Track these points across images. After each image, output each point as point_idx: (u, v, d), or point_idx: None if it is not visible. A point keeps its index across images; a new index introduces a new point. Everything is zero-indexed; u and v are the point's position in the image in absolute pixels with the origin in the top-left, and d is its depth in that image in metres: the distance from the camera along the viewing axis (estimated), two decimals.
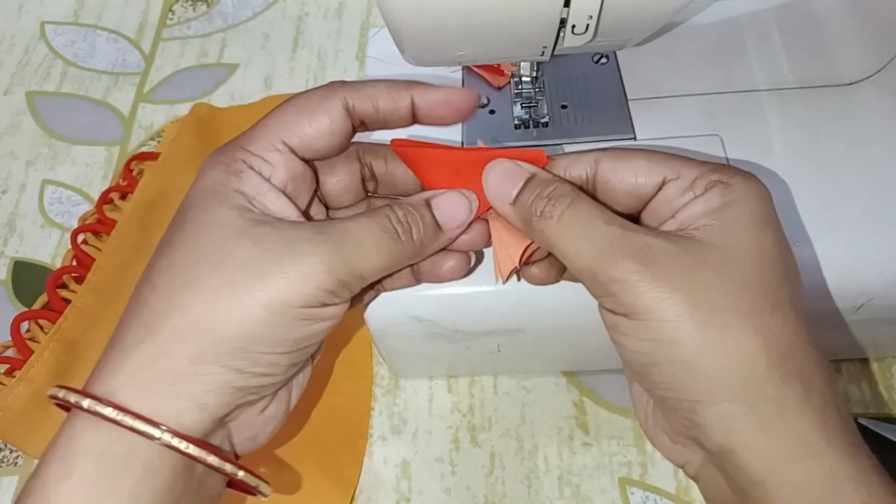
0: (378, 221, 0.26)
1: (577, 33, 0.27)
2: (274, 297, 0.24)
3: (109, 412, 0.23)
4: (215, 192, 0.26)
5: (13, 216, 0.48)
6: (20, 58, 0.55)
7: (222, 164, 0.26)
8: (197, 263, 0.25)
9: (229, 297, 0.24)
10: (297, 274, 0.24)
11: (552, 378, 0.39)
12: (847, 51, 0.37)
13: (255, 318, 0.24)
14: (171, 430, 0.24)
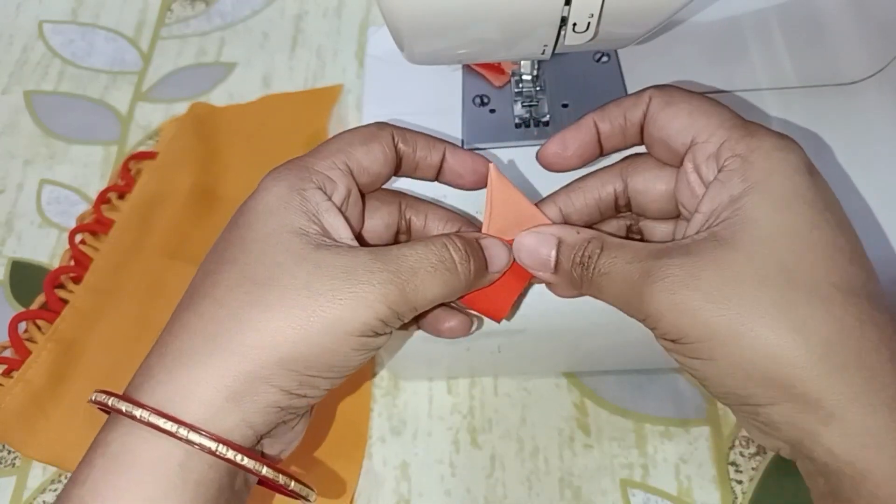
0: (435, 251, 0.26)
1: (578, 32, 0.27)
2: (333, 324, 0.24)
3: (170, 426, 0.23)
4: (278, 210, 0.26)
5: (11, 216, 0.48)
6: (18, 57, 0.55)
7: (286, 179, 0.27)
8: (262, 284, 0.25)
9: (290, 321, 0.24)
10: (355, 302, 0.24)
11: (553, 379, 0.39)
12: (848, 50, 0.37)
13: (313, 342, 0.24)
14: (227, 443, 0.24)
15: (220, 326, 0.25)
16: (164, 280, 0.43)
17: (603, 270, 0.26)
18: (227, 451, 0.24)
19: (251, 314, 0.24)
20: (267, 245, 0.25)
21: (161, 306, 0.42)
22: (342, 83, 0.51)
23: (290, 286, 0.24)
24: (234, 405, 0.24)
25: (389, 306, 0.25)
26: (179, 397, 0.24)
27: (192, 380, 0.24)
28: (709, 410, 0.38)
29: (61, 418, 0.39)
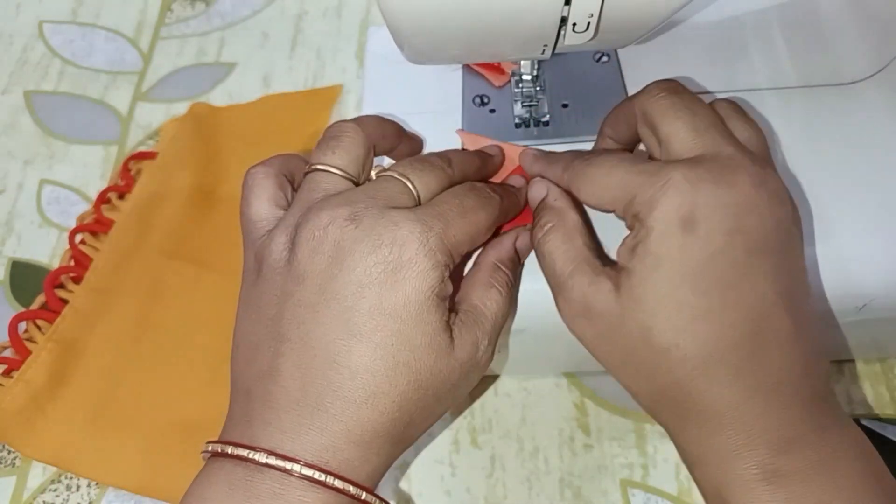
0: (502, 292, 0.29)
1: (578, 31, 0.27)
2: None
3: (338, 483, 0.24)
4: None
5: (11, 216, 0.48)
6: (18, 56, 0.55)
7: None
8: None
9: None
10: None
11: (553, 379, 0.39)
12: (848, 50, 0.37)
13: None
14: (361, 486, 0.25)
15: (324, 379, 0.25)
16: (164, 280, 0.43)
17: (541, 248, 0.29)
18: (368, 496, 0.25)
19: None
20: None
21: (161, 306, 0.42)
22: (342, 83, 0.51)
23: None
24: (364, 452, 0.25)
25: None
26: (315, 446, 0.25)
27: (338, 434, 0.25)
28: None
29: (61, 418, 0.39)
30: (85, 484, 0.38)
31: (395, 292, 0.25)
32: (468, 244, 0.28)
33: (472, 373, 0.27)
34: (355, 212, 0.26)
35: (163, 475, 0.37)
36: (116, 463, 0.38)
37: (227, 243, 0.44)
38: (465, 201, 0.28)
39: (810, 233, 0.32)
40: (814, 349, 0.26)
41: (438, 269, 0.26)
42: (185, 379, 0.40)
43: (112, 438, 0.38)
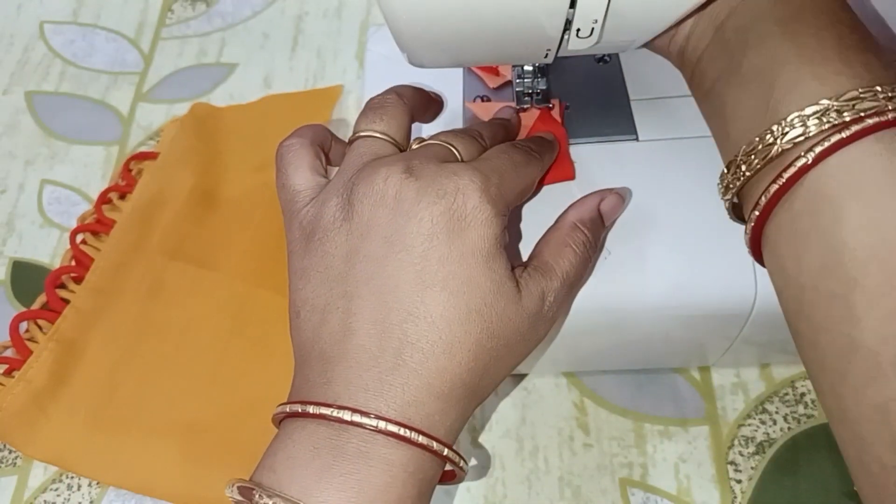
0: (578, 251, 0.29)
1: (581, 37, 0.27)
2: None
3: (422, 439, 0.24)
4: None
5: (12, 216, 0.48)
6: (19, 57, 0.55)
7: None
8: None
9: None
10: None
11: (553, 379, 0.39)
12: None
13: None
14: (443, 443, 0.25)
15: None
16: (165, 280, 0.43)
17: None
18: (450, 453, 0.25)
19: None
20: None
21: (162, 306, 0.42)
22: (342, 83, 0.51)
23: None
24: (444, 405, 0.25)
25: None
26: (399, 402, 0.25)
27: (419, 388, 0.25)
28: (708, 410, 0.38)
29: (62, 418, 0.39)
30: (86, 483, 0.38)
31: (462, 240, 0.25)
32: (519, 197, 0.29)
33: (539, 325, 0.28)
34: (412, 166, 0.26)
35: (163, 475, 0.37)
36: (117, 462, 0.38)
37: (228, 243, 0.44)
38: (514, 156, 0.29)
39: None
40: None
41: (499, 217, 0.26)
42: (186, 379, 0.40)
43: (113, 438, 0.38)
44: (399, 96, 0.31)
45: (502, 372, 0.27)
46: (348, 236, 0.26)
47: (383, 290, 0.25)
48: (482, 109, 0.37)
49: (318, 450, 0.24)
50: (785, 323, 0.27)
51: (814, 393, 0.38)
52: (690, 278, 0.31)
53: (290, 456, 0.24)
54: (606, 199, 0.31)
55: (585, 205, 0.31)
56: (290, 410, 0.25)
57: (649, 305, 0.32)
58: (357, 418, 0.24)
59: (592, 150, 0.35)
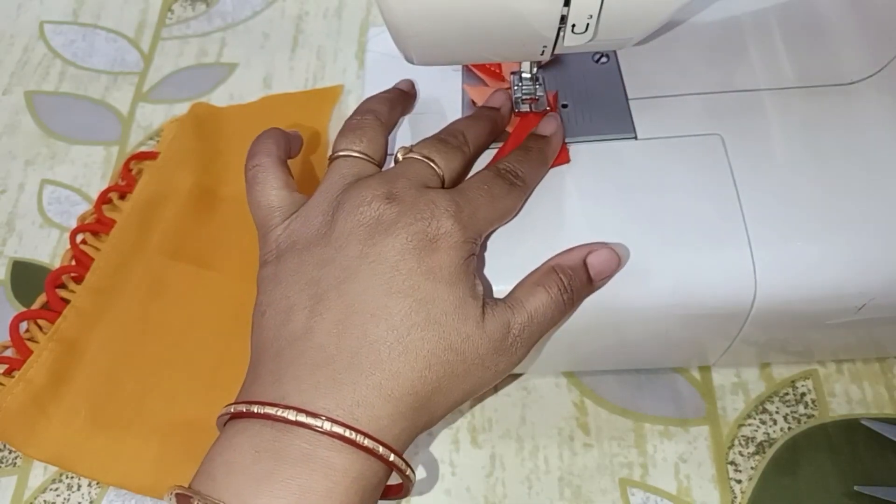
0: (550, 293, 0.29)
1: (577, 33, 0.27)
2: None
3: (368, 442, 0.25)
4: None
5: (12, 216, 0.48)
6: (19, 57, 0.55)
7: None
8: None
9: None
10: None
11: (552, 378, 0.39)
12: (848, 50, 0.37)
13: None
14: (389, 447, 0.25)
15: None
16: (165, 280, 0.43)
17: None
18: (397, 459, 0.25)
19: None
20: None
21: (162, 306, 0.42)
22: (342, 84, 0.51)
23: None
24: (393, 411, 0.26)
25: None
26: (347, 402, 0.25)
27: (371, 391, 0.25)
28: (708, 410, 0.38)
29: (62, 418, 0.39)
30: (86, 483, 0.38)
31: (431, 258, 0.27)
32: (494, 225, 0.31)
33: (500, 356, 0.28)
34: (394, 191, 0.28)
35: (164, 475, 0.37)
36: (117, 462, 0.38)
37: (228, 243, 0.44)
38: (494, 189, 0.30)
39: (811, 232, 0.32)
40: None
41: (469, 243, 0.28)
42: (186, 378, 0.40)
43: (113, 438, 0.38)
44: (376, 116, 0.32)
45: (455, 392, 0.27)
46: (326, 248, 0.28)
47: (350, 294, 0.26)
48: (479, 93, 0.37)
49: (260, 453, 0.24)
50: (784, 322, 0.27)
51: (814, 393, 0.38)
52: (690, 277, 0.31)
53: (228, 461, 0.24)
54: (595, 253, 0.31)
55: (570, 253, 0.31)
56: (234, 411, 0.25)
57: (649, 305, 0.32)
58: (302, 418, 0.24)
59: (591, 149, 0.35)
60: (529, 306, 0.29)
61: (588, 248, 0.31)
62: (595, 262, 0.30)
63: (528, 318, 0.28)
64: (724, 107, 0.35)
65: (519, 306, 0.29)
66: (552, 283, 0.29)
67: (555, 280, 0.29)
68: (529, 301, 0.29)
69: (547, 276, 0.30)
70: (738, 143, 0.34)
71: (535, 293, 0.29)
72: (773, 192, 0.33)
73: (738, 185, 0.33)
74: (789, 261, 0.31)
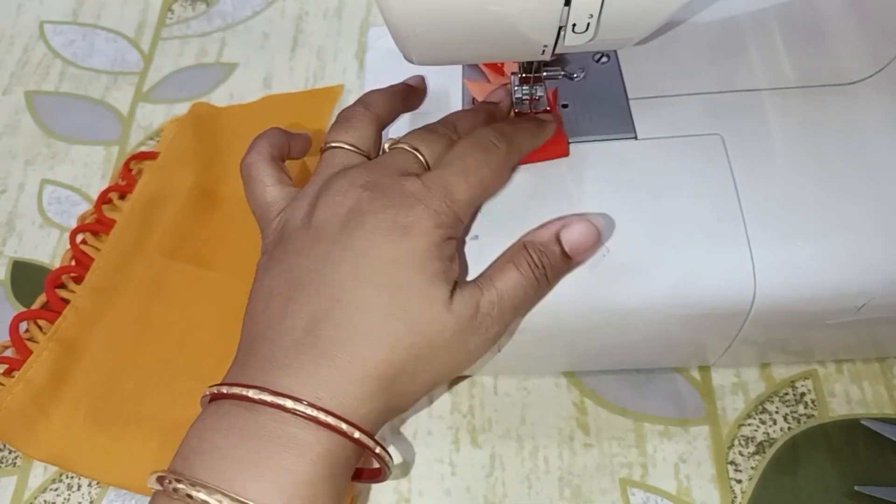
0: (521, 270, 0.29)
1: (577, 32, 0.27)
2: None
3: (330, 420, 0.25)
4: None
5: (12, 216, 0.48)
6: (19, 57, 0.55)
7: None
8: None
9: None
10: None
11: (552, 378, 0.39)
12: (848, 50, 0.37)
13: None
14: (354, 425, 0.26)
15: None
16: (165, 280, 0.43)
17: None
18: (363, 437, 0.26)
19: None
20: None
21: (162, 306, 0.42)
22: (342, 83, 0.51)
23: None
24: (359, 392, 0.26)
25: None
26: (312, 382, 0.26)
27: (334, 372, 0.26)
28: (708, 410, 0.38)
29: (62, 418, 0.39)
30: (86, 483, 0.38)
31: (400, 245, 0.27)
32: (476, 200, 0.30)
33: (469, 336, 0.28)
34: (370, 180, 0.29)
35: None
36: (117, 462, 0.38)
37: (228, 243, 0.44)
38: (467, 161, 0.30)
39: (811, 232, 0.32)
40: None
41: (441, 228, 0.28)
42: (186, 378, 0.40)
43: (113, 438, 0.38)
44: (366, 108, 0.33)
45: (423, 374, 0.28)
46: (304, 237, 0.29)
47: (321, 281, 0.27)
48: (479, 89, 0.37)
49: (229, 431, 0.25)
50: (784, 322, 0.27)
51: (814, 393, 0.38)
52: (690, 277, 0.31)
53: (201, 439, 0.25)
54: (569, 227, 0.30)
55: (542, 229, 0.31)
56: (208, 392, 0.27)
57: (649, 305, 0.32)
58: (265, 397, 0.25)
59: (591, 149, 0.35)
60: (499, 284, 0.29)
61: (562, 222, 0.31)
62: (569, 238, 0.30)
63: (497, 296, 0.29)
64: (724, 107, 0.35)
65: (488, 285, 0.29)
66: (521, 259, 0.30)
67: (524, 256, 0.30)
68: (499, 279, 0.29)
69: (517, 254, 0.30)
70: (738, 143, 0.34)
71: (504, 270, 0.29)
72: (773, 192, 0.33)
73: (738, 185, 0.33)
74: (789, 261, 0.31)
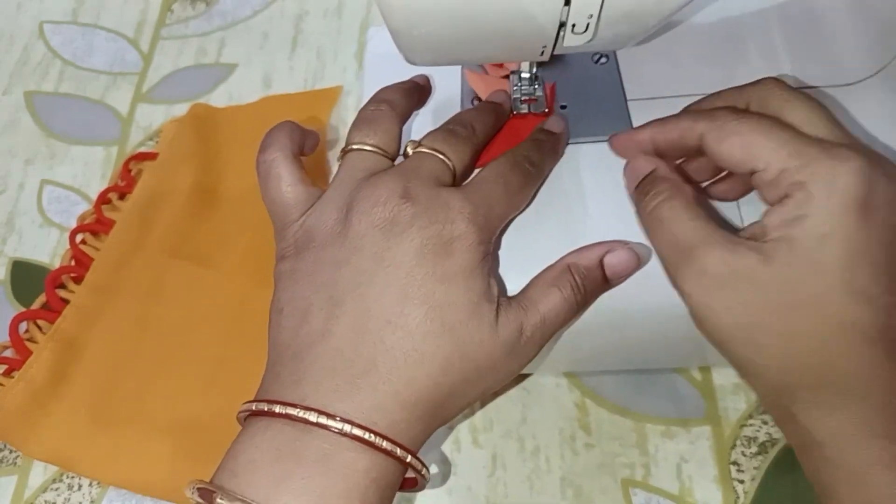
0: (563, 294, 0.29)
1: (577, 33, 0.27)
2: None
3: (386, 445, 0.25)
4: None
5: (12, 216, 0.48)
6: (18, 57, 0.55)
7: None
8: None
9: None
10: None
11: (553, 379, 0.39)
12: (848, 51, 0.37)
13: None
14: (406, 449, 0.26)
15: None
16: (164, 280, 0.43)
17: (659, 216, 0.28)
18: (413, 461, 0.26)
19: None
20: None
21: (162, 306, 0.42)
22: (342, 84, 0.51)
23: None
24: (409, 416, 0.26)
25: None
26: (366, 406, 0.25)
27: (387, 396, 0.26)
28: (709, 410, 0.38)
29: (63, 417, 0.39)
30: (86, 483, 0.38)
31: (447, 262, 0.27)
32: (507, 219, 0.31)
33: (512, 358, 0.28)
34: (409, 190, 0.28)
35: (164, 474, 0.37)
36: (118, 462, 0.38)
37: (228, 243, 0.44)
38: (510, 181, 0.30)
39: None
40: None
41: (484, 244, 0.28)
42: (186, 378, 0.40)
43: (113, 437, 0.38)
44: (390, 106, 0.32)
45: (468, 396, 0.28)
46: (342, 248, 0.27)
47: (367, 299, 0.26)
48: (478, 79, 0.37)
49: (281, 451, 0.24)
50: None
51: None
52: None
53: (251, 459, 0.24)
54: (614, 253, 0.30)
55: (586, 252, 0.30)
56: (255, 409, 0.26)
57: (649, 305, 0.32)
58: (323, 420, 0.24)
59: (589, 149, 0.35)
60: (543, 307, 0.28)
61: (606, 247, 0.30)
62: (613, 263, 0.30)
63: (541, 319, 0.28)
64: None
65: (532, 307, 0.28)
66: (566, 283, 0.29)
67: (569, 280, 0.29)
68: (543, 302, 0.29)
69: (561, 276, 0.29)
70: None
71: (548, 294, 0.29)
72: None
73: None
74: None
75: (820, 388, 0.25)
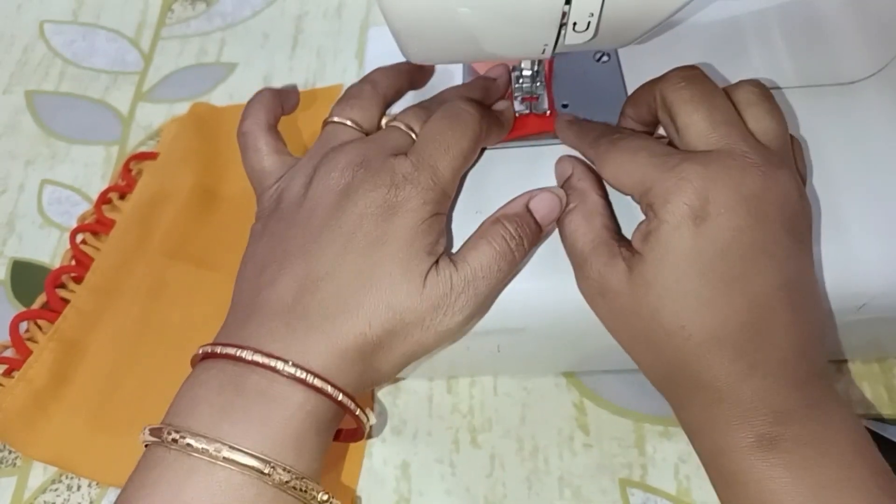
0: (496, 246, 0.30)
1: (578, 31, 0.27)
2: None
3: (318, 382, 0.27)
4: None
5: (12, 216, 0.48)
6: (19, 57, 0.55)
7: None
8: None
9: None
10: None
11: (552, 379, 0.39)
12: (848, 50, 0.37)
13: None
14: (339, 388, 0.27)
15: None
16: (165, 279, 0.43)
17: (564, 225, 0.31)
18: (346, 399, 0.28)
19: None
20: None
21: (162, 306, 0.42)
22: (342, 83, 0.51)
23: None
24: (340, 363, 0.28)
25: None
26: (298, 348, 0.27)
27: (319, 340, 0.27)
28: None
29: (63, 418, 0.39)
30: (86, 484, 0.38)
31: (388, 223, 0.28)
32: (460, 171, 0.31)
33: (441, 314, 0.29)
34: (366, 159, 0.30)
35: None
36: (117, 463, 0.38)
37: (229, 243, 0.44)
38: (446, 136, 0.31)
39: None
40: (812, 335, 0.27)
41: (429, 205, 0.29)
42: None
43: (113, 438, 0.38)
44: (374, 86, 0.34)
45: (397, 350, 0.29)
46: (301, 210, 0.30)
47: (312, 255, 0.28)
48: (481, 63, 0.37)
49: (223, 387, 0.27)
50: None
51: None
52: None
53: (195, 395, 0.27)
54: (537, 197, 0.31)
55: (512, 203, 0.32)
56: (201, 352, 0.28)
57: None
58: (258, 358, 0.26)
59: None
60: (473, 262, 0.29)
61: (528, 194, 0.32)
62: (538, 206, 0.31)
63: (471, 273, 0.29)
64: None
65: (462, 262, 0.29)
66: (496, 234, 0.30)
67: (500, 231, 0.30)
68: (472, 256, 0.30)
69: (491, 229, 0.30)
70: None
71: (478, 247, 0.30)
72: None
73: None
74: None
75: (677, 388, 0.29)
